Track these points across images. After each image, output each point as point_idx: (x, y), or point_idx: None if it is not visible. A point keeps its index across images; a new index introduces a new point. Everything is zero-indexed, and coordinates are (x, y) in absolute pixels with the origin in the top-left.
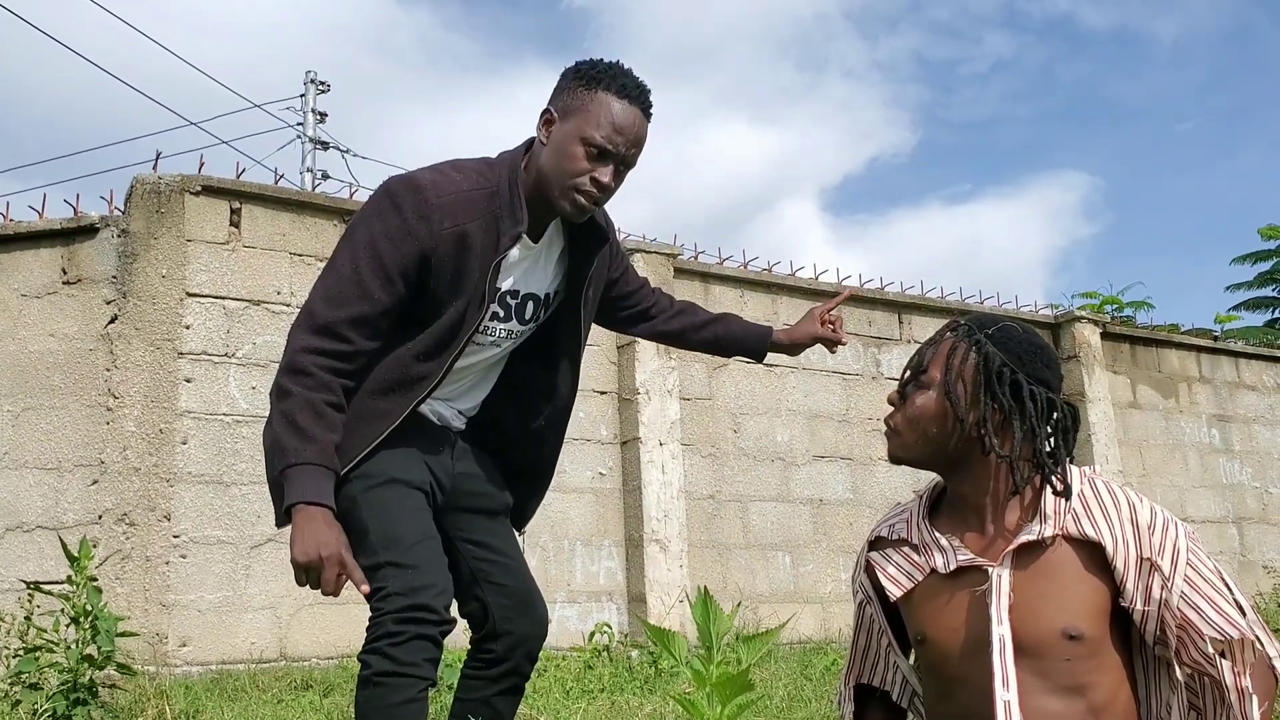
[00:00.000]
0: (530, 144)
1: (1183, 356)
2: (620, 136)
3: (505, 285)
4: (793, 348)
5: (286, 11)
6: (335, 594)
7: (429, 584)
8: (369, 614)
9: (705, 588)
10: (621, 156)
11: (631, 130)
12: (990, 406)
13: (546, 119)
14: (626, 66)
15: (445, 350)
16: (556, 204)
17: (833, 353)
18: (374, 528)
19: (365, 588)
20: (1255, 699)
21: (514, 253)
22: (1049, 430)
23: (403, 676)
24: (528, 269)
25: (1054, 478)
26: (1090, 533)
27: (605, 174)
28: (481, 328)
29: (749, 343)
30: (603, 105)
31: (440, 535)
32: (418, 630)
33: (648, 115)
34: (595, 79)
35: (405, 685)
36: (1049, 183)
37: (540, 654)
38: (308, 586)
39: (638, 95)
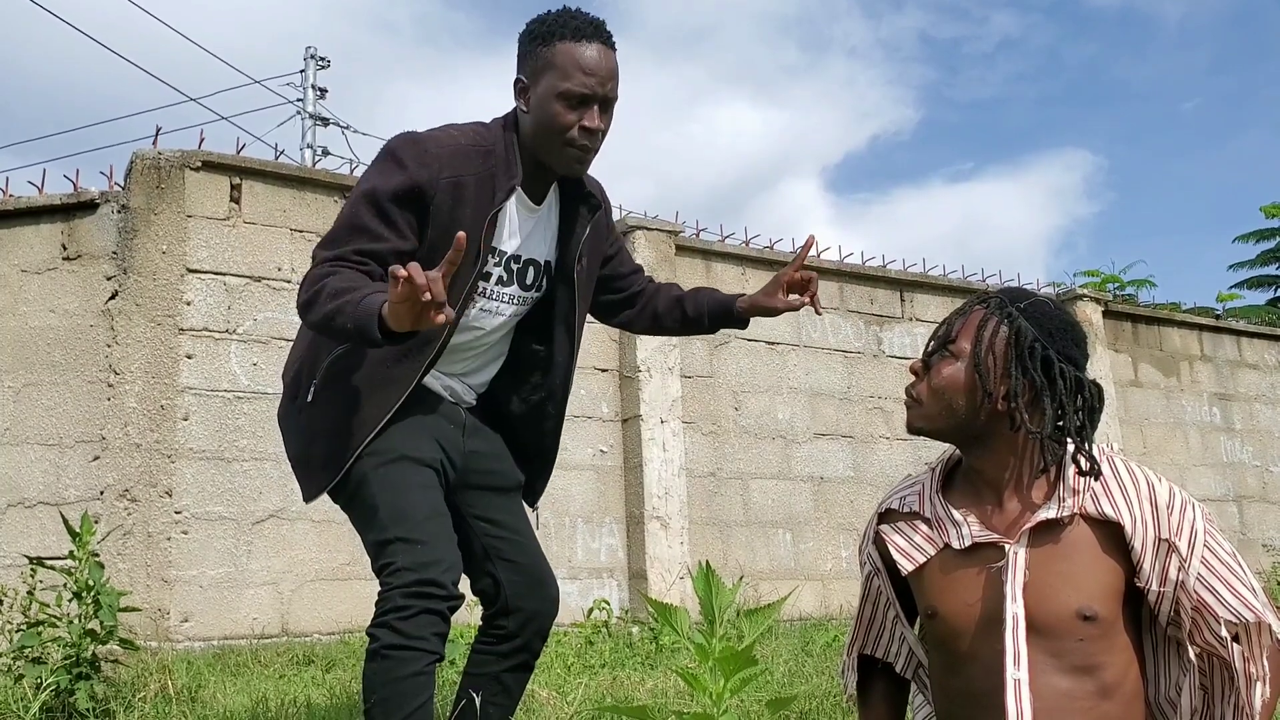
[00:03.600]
0: (512, 116)
1: (1184, 335)
2: (592, 77)
3: (509, 249)
4: (743, 322)
5: None
6: (441, 289)
7: (438, 559)
8: (378, 589)
9: (707, 562)
10: (601, 96)
11: (601, 67)
12: (1021, 381)
13: (520, 88)
14: (574, 9)
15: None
16: (555, 164)
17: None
18: (384, 504)
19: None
20: (1259, 685)
21: (513, 213)
22: (1076, 408)
23: (410, 650)
24: (530, 232)
25: (1081, 456)
26: (1109, 512)
27: (591, 118)
28: (486, 291)
29: (703, 324)
30: (566, 55)
31: (451, 512)
32: (426, 605)
33: (611, 46)
34: (549, 33)
35: (412, 659)
36: (1051, 161)
37: None
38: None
39: (594, 32)
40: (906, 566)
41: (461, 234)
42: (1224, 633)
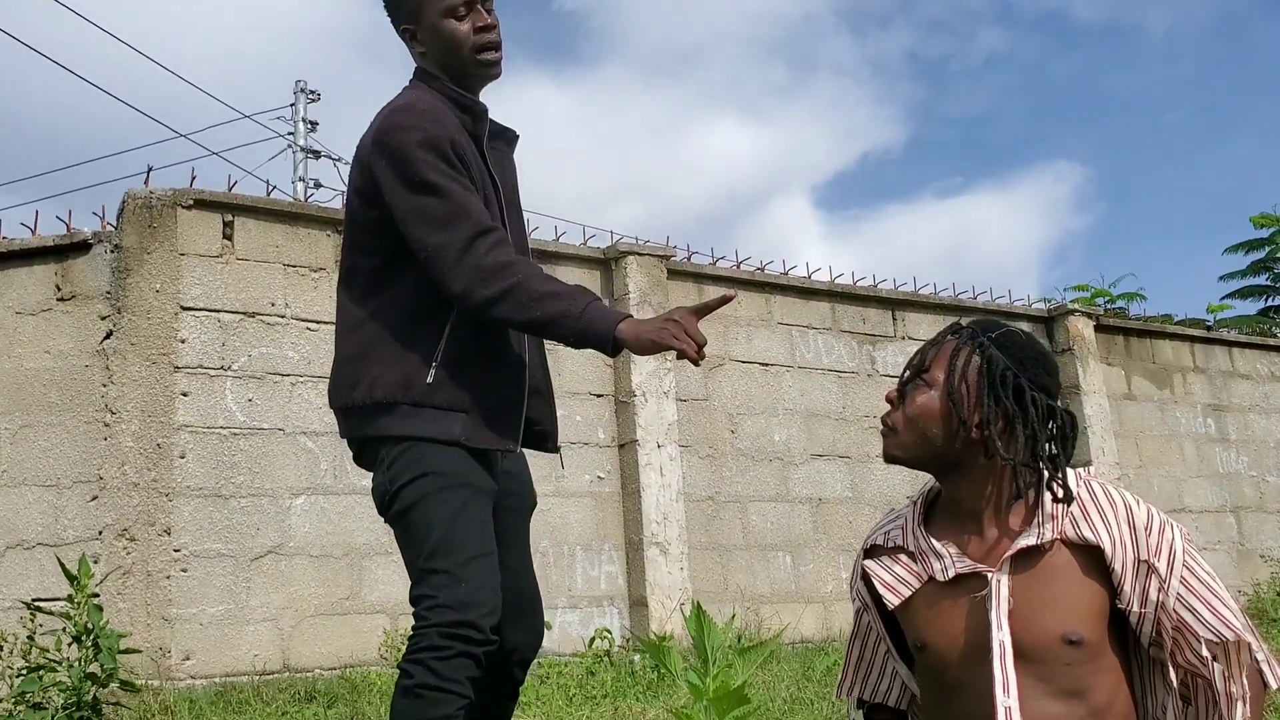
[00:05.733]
0: (419, 72)
1: (1176, 347)
2: None
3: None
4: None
5: (274, 21)
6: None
7: (480, 602)
8: (413, 621)
9: (698, 603)
10: None
11: None
12: (994, 409)
13: (410, 34)
14: None
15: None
16: (475, 76)
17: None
18: (438, 530)
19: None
20: (1240, 705)
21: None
22: (1049, 435)
23: (444, 692)
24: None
25: (1055, 483)
26: (1089, 536)
27: (481, 17)
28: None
29: None
30: None
31: None
32: (463, 648)
33: None
34: None
35: (445, 701)
36: (1041, 174)
37: (543, 660)
38: (680, 348)
39: None
40: (892, 601)
41: (731, 293)
42: (1205, 652)
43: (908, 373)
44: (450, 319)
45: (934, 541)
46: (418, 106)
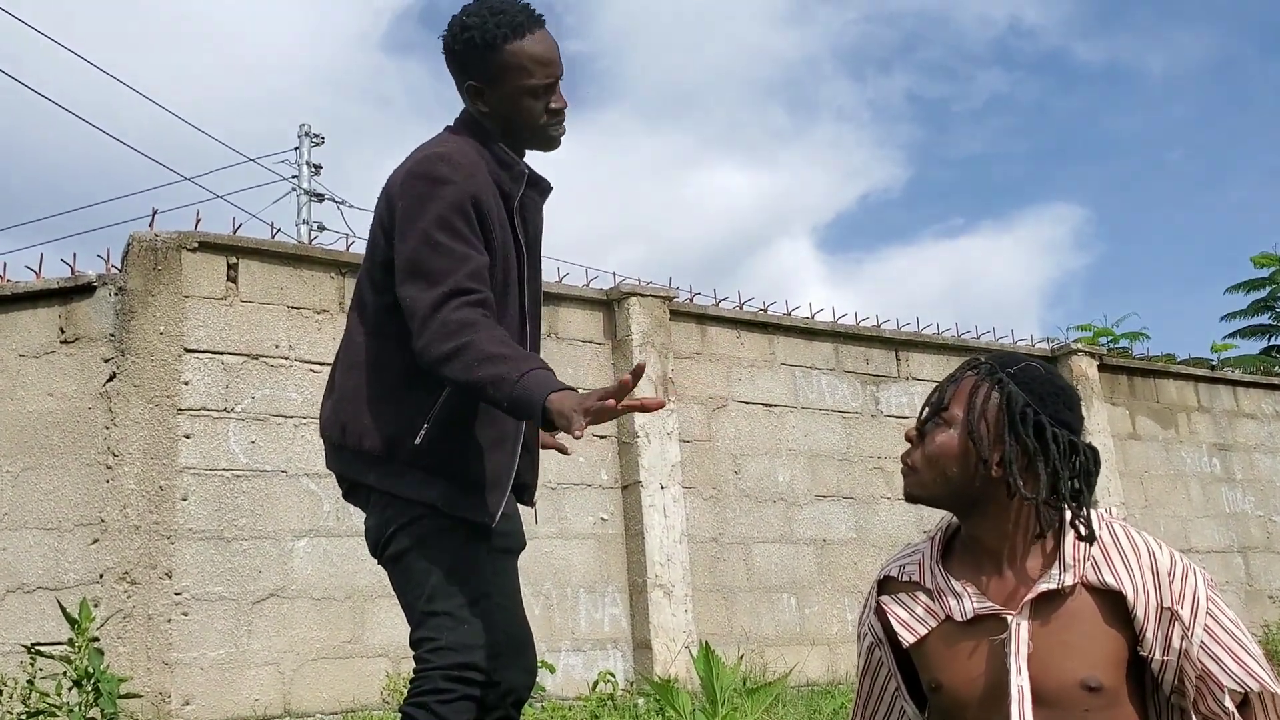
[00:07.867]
0: (466, 119)
1: (1181, 386)
2: (550, 66)
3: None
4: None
5: (279, 65)
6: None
7: (482, 644)
8: (415, 664)
9: (706, 643)
10: (559, 77)
11: (554, 53)
12: (1014, 448)
13: (475, 91)
14: (500, 6)
15: (512, 307)
16: (536, 148)
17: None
18: (437, 573)
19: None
20: None
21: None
22: (1071, 473)
23: None
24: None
25: (1079, 522)
26: (1111, 581)
27: (559, 100)
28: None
29: None
30: (519, 54)
31: None
32: (465, 690)
33: (545, 24)
34: (496, 37)
35: None
36: (1040, 215)
37: (546, 704)
38: (565, 427)
39: (533, 22)
40: (908, 639)
41: (639, 367)
42: (1228, 703)
43: (926, 410)
44: None
45: (952, 580)
46: (454, 158)
